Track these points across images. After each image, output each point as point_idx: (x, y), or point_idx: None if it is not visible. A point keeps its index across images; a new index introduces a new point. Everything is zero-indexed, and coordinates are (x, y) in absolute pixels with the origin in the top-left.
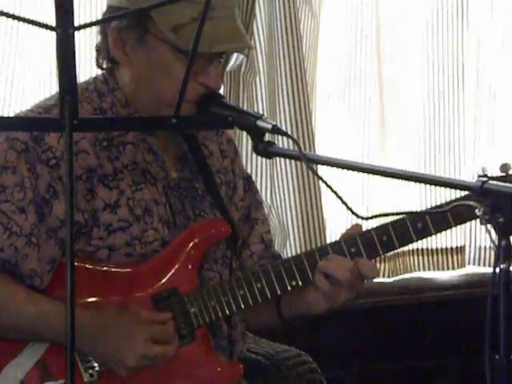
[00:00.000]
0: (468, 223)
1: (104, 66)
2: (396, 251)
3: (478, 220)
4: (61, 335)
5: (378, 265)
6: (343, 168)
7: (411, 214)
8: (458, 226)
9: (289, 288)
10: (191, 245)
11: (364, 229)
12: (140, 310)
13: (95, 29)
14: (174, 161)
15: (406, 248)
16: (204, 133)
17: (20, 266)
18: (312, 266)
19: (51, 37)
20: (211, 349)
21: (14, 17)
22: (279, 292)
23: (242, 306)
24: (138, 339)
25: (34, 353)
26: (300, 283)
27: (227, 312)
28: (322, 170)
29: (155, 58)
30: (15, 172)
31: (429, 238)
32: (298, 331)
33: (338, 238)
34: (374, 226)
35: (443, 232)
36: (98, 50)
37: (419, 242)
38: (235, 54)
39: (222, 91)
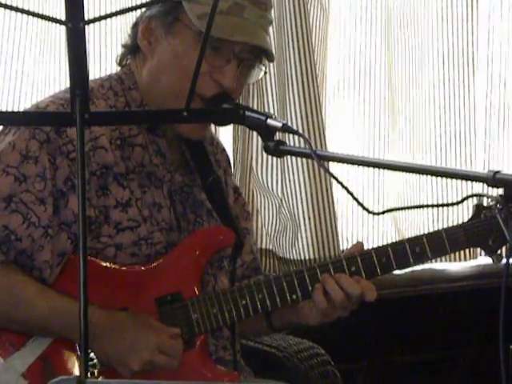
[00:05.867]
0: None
1: (124, 62)
2: None
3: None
4: (71, 332)
5: None
6: (354, 164)
7: (419, 208)
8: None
9: (289, 301)
10: (198, 250)
11: (375, 222)
12: (152, 319)
13: (103, 25)
14: (177, 165)
15: None
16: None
17: (35, 258)
18: (313, 282)
19: (61, 30)
20: (208, 357)
21: (23, 11)
22: (279, 305)
23: (243, 316)
24: (146, 346)
25: (38, 347)
26: (300, 298)
27: (228, 321)
28: (333, 163)
29: (178, 45)
30: (37, 162)
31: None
32: None
33: (348, 231)
34: (375, 246)
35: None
36: (125, 45)
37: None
38: (256, 69)
39: None
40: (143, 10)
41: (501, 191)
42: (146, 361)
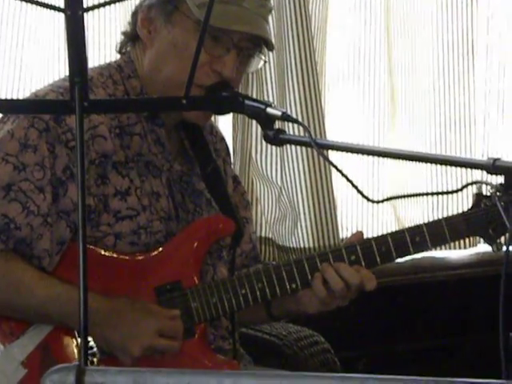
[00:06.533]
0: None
1: (123, 49)
2: None
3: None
4: (71, 319)
5: None
6: (353, 152)
7: (418, 196)
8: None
9: (288, 290)
10: (197, 239)
11: (375, 210)
12: (150, 304)
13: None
14: (176, 154)
15: None
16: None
17: (34, 246)
18: (312, 271)
19: (60, 18)
20: (208, 346)
21: None
22: (279, 294)
23: (243, 305)
24: (146, 330)
25: (37, 335)
26: (299, 287)
27: (227, 310)
28: (333, 152)
29: (178, 34)
30: (36, 151)
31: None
32: None
33: (348, 220)
34: (375, 235)
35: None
36: (125, 33)
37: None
38: (256, 58)
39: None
40: None
41: (500, 179)
42: (146, 346)
